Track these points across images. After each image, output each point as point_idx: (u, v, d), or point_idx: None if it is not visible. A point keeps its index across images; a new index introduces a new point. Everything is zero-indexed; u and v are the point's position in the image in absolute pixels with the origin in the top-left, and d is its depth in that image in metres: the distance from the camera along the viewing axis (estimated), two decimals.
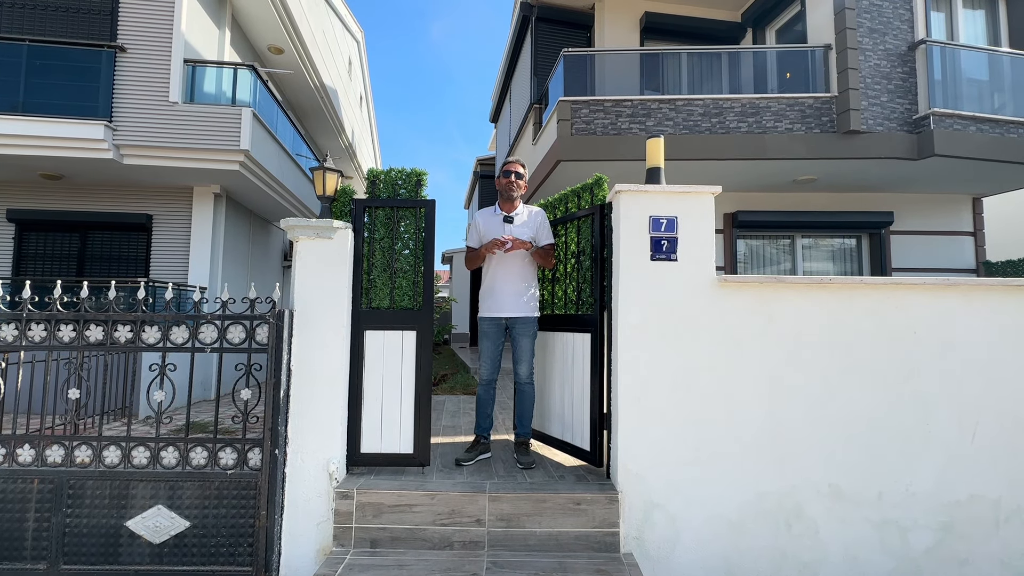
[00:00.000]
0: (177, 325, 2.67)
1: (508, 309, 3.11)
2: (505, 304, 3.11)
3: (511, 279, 3.13)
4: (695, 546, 2.62)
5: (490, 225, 3.15)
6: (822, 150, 5.91)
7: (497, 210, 3.20)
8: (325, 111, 10.40)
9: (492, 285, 3.15)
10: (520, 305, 3.12)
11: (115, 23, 5.87)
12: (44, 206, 6.67)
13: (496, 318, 3.14)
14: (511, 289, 3.12)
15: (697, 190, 2.77)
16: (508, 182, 3.16)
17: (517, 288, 3.13)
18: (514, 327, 3.13)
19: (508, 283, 3.12)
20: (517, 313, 3.12)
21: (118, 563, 2.57)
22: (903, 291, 2.75)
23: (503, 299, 3.11)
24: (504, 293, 3.11)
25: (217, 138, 5.77)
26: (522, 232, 3.11)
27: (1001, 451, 2.69)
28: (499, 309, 3.12)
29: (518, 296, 3.12)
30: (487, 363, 3.16)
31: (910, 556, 2.64)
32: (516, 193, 3.17)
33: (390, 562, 2.47)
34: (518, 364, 3.17)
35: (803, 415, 2.69)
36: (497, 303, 3.12)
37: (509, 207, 3.19)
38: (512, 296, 3.11)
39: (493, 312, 3.14)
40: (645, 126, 5.99)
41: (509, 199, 3.19)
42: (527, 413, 3.22)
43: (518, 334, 3.13)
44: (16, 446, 2.63)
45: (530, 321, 3.15)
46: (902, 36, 6.07)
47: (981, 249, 7.42)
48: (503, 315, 3.12)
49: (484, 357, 3.17)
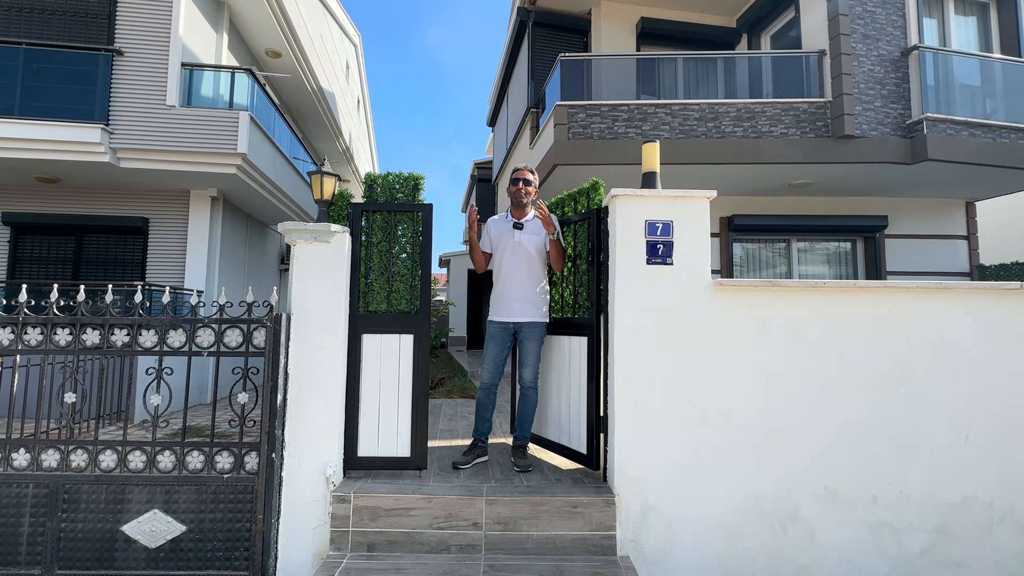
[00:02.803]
0: (174, 329, 2.67)
1: (517, 314, 3.13)
2: (514, 309, 3.13)
3: (521, 283, 3.14)
4: (692, 549, 2.63)
5: (500, 232, 3.21)
6: (817, 154, 5.96)
7: (508, 216, 3.26)
8: (322, 115, 10.41)
9: (502, 290, 3.17)
10: (529, 310, 3.13)
11: (112, 26, 5.88)
12: (40, 209, 6.65)
13: (505, 322, 3.15)
14: (520, 294, 3.13)
15: (692, 194, 2.79)
16: (516, 190, 3.21)
17: (527, 293, 3.14)
18: (521, 330, 3.15)
19: (518, 287, 3.13)
20: (526, 318, 3.13)
21: (113, 568, 2.55)
22: (897, 294, 2.78)
23: (512, 304, 3.13)
24: (514, 298, 3.13)
25: (214, 142, 5.77)
26: (531, 239, 3.16)
27: (994, 453, 2.71)
28: (508, 313, 3.14)
29: (527, 301, 3.14)
30: (490, 366, 3.16)
31: (905, 558, 2.65)
32: (526, 200, 3.22)
33: (387, 566, 2.46)
34: (523, 367, 3.17)
35: (798, 418, 2.71)
36: (507, 307, 3.14)
37: (520, 214, 3.24)
38: (521, 301, 3.13)
39: (502, 316, 3.15)
40: (641, 130, 6.02)
41: (520, 206, 3.23)
42: (528, 417, 3.22)
43: (525, 338, 3.14)
44: (11, 450, 2.62)
45: (538, 326, 3.16)
46: (895, 42, 6.13)
47: (975, 253, 7.47)
48: (512, 320, 3.13)
49: (488, 360, 3.17)
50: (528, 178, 3.21)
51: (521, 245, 3.14)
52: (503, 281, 3.18)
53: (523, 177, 3.20)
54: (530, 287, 3.15)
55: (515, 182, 3.21)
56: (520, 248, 3.14)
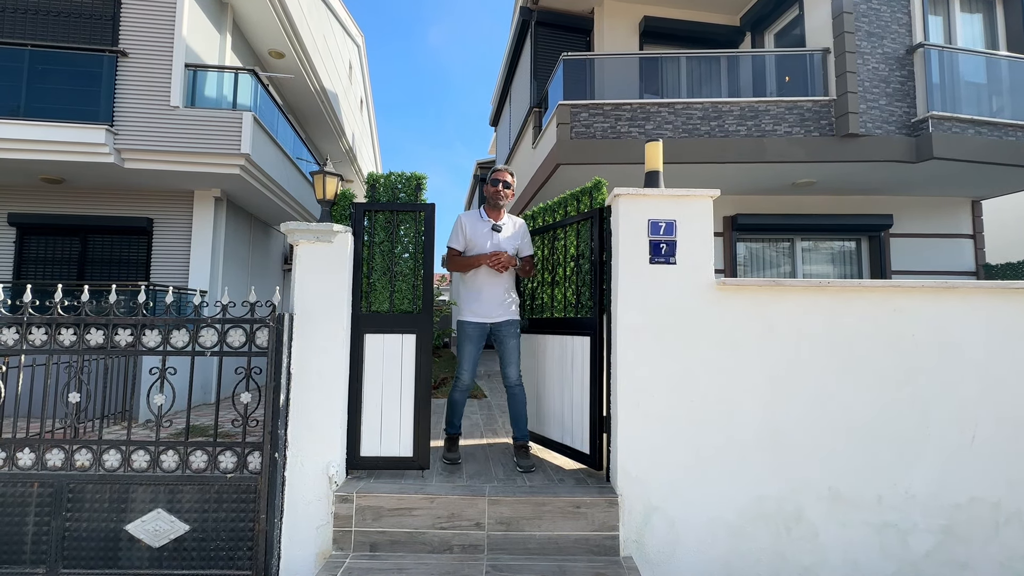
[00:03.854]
0: (177, 329, 2.67)
1: (496, 314, 3.15)
2: (493, 309, 3.15)
3: (499, 285, 3.17)
4: (695, 549, 2.62)
5: (477, 231, 3.17)
6: (821, 153, 5.93)
7: (484, 216, 3.23)
8: (325, 115, 10.43)
9: (480, 291, 3.16)
10: (506, 309, 3.17)
11: (117, 28, 5.91)
12: (45, 210, 6.69)
13: (483, 323, 3.15)
14: (500, 294, 3.16)
15: (696, 194, 2.78)
16: (496, 191, 3.19)
17: (503, 294, 3.18)
18: (500, 330, 3.16)
19: (496, 288, 3.16)
20: (504, 317, 3.16)
21: (117, 567, 2.56)
22: (902, 294, 2.76)
23: (491, 305, 3.15)
24: (494, 297, 3.15)
25: (218, 142, 5.79)
26: (510, 243, 3.19)
27: (1000, 454, 2.69)
28: (486, 314, 3.15)
29: (503, 301, 3.18)
30: (470, 367, 3.16)
31: (910, 559, 2.64)
32: (504, 202, 3.21)
33: (389, 566, 2.46)
34: (508, 367, 3.17)
35: (802, 418, 2.70)
36: (484, 308, 3.15)
37: (496, 215, 3.23)
38: (500, 301, 3.17)
39: (479, 317, 3.15)
40: (644, 130, 6.01)
41: (496, 207, 3.23)
42: (522, 416, 3.22)
43: (506, 336, 3.16)
44: (16, 450, 2.63)
45: (515, 323, 3.20)
46: (900, 40, 6.09)
47: (980, 252, 7.42)
48: (490, 320, 3.15)
49: (467, 361, 3.15)
50: (508, 180, 3.21)
51: (501, 248, 3.14)
52: (482, 281, 3.16)
53: (504, 179, 3.19)
54: (509, 288, 3.21)
55: (495, 183, 3.19)
56: (499, 251, 3.12)
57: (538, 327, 3.55)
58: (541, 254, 3.60)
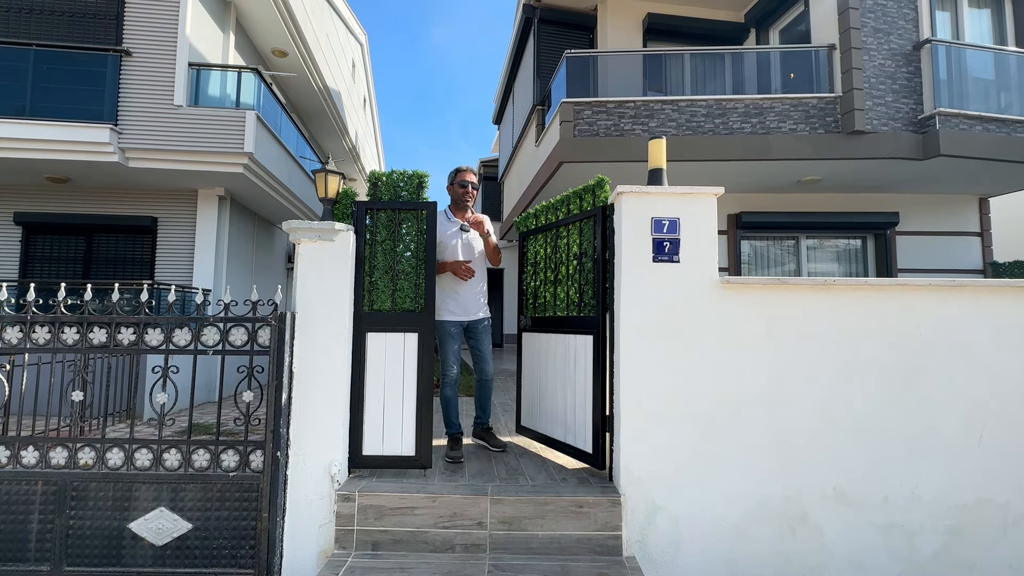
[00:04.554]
0: (180, 327, 2.67)
1: (473, 312, 3.33)
2: (470, 307, 3.32)
3: (476, 283, 3.34)
4: (699, 550, 2.60)
5: (445, 232, 3.30)
6: (826, 151, 5.89)
7: (451, 216, 3.37)
8: (329, 114, 10.43)
9: (458, 292, 3.31)
10: (481, 307, 3.38)
11: (120, 27, 5.92)
12: (50, 209, 6.73)
13: (460, 321, 3.32)
14: (476, 292, 3.35)
15: (699, 191, 2.75)
16: (464, 192, 3.35)
17: (479, 292, 3.38)
18: (476, 328, 3.35)
19: (475, 285, 3.34)
20: (481, 314, 3.36)
21: (121, 565, 2.57)
22: (908, 292, 2.73)
23: (468, 304, 3.32)
24: (469, 298, 3.32)
25: (221, 141, 5.80)
26: (478, 241, 3.36)
27: (1009, 454, 2.66)
28: (464, 312, 3.32)
29: (479, 300, 3.37)
30: (455, 363, 3.33)
31: (916, 561, 2.61)
32: (470, 202, 3.38)
33: (392, 565, 2.46)
34: (485, 363, 3.39)
35: (807, 417, 2.67)
36: (463, 307, 3.31)
37: (463, 216, 3.38)
38: (476, 299, 3.35)
39: (458, 316, 3.31)
40: (648, 127, 5.98)
41: (464, 208, 3.37)
42: (489, 402, 3.51)
43: (482, 333, 3.37)
44: (20, 448, 2.64)
45: (488, 320, 3.42)
46: (907, 35, 6.03)
47: (988, 250, 7.36)
48: (467, 318, 3.32)
49: (451, 356, 3.31)
50: (475, 182, 3.37)
51: (471, 246, 3.32)
52: (457, 281, 3.28)
53: (472, 181, 3.36)
54: (482, 286, 3.39)
55: (463, 185, 3.35)
56: (470, 249, 3.32)
57: (541, 326, 3.54)
58: (543, 252, 3.59)
